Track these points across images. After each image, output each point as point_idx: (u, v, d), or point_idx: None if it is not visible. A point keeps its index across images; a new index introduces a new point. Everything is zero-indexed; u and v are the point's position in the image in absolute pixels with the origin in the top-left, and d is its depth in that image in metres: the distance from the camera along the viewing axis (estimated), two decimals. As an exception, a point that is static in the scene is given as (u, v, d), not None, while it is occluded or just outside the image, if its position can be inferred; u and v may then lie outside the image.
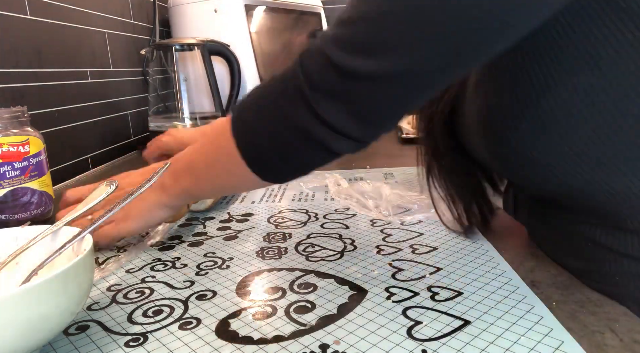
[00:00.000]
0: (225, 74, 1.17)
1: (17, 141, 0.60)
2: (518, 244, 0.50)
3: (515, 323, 0.34)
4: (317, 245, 0.51)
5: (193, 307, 0.39)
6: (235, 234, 0.56)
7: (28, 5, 0.81)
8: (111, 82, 1.11)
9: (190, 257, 0.49)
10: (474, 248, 0.48)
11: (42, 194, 0.63)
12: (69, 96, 0.94)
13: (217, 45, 1.13)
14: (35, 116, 0.80)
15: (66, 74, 0.93)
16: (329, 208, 0.64)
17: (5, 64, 0.76)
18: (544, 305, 0.37)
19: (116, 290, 0.43)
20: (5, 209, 0.61)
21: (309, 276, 0.44)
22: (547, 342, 0.32)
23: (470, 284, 0.41)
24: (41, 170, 0.63)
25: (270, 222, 0.60)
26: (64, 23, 0.93)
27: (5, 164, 0.59)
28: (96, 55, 1.04)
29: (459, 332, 0.34)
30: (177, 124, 1.11)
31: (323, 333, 0.34)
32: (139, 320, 0.37)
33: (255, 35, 1.21)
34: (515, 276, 0.42)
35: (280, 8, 1.29)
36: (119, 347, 0.34)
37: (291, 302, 0.39)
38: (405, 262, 0.46)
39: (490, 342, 0.32)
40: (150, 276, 0.45)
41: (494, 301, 0.38)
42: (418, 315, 0.36)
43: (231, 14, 1.19)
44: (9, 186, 0.60)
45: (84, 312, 0.39)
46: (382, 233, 0.54)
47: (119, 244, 0.54)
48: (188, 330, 0.36)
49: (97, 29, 1.05)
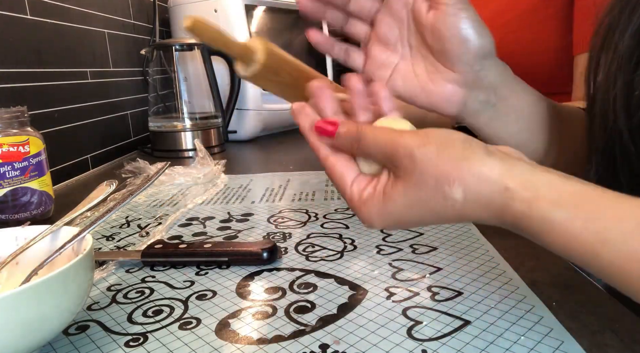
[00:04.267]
0: (225, 74, 1.17)
1: (17, 141, 0.60)
2: (518, 244, 0.50)
3: (515, 323, 0.34)
4: (317, 245, 0.51)
5: (193, 307, 0.39)
6: (235, 234, 0.56)
7: (28, 5, 0.81)
8: (111, 82, 1.11)
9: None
10: (474, 248, 0.48)
11: (42, 194, 0.63)
12: (69, 96, 0.94)
13: (217, 45, 1.13)
14: (35, 116, 0.80)
15: (66, 74, 0.93)
16: (329, 208, 0.64)
17: (5, 64, 0.76)
18: (544, 305, 0.37)
19: (116, 290, 0.43)
20: (5, 209, 0.61)
21: (309, 276, 0.44)
22: (547, 342, 0.32)
23: (470, 284, 0.41)
24: (41, 170, 0.63)
25: (270, 222, 0.60)
26: (64, 23, 0.93)
27: (5, 164, 0.59)
28: (96, 55, 1.04)
29: (459, 332, 0.34)
30: (178, 124, 1.12)
31: (323, 333, 0.34)
32: (139, 320, 0.37)
33: (255, 36, 1.21)
34: (515, 276, 0.42)
35: (280, 8, 1.29)
36: (119, 347, 0.34)
37: (291, 302, 0.39)
38: (405, 262, 0.46)
39: (490, 342, 0.32)
40: (150, 276, 0.45)
41: (494, 301, 0.38)
42: (418, 315, 0.36)
43: (231, 14, 1.19)
44: (9, 186, 0.60)
45: (84, 312, 0.39)
46: (382, 233, 0.54)
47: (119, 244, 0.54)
48: (188, 330, 0.36)
49: (97, 29, 1.05)
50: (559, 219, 0.27)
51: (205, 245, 0.47)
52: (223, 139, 1.16)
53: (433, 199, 0.30)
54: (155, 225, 0.60)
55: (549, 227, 0.27)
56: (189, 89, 1.13)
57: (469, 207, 0.29)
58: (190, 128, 1.10)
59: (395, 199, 0.31)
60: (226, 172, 0.85)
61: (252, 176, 0.86)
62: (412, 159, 0.30)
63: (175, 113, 1.14)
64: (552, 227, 0.27)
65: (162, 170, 0.47)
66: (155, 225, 0.60)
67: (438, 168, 0.29)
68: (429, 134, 0.31)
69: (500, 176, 0.28)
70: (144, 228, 0.59)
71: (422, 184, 0.30)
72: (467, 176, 0.29)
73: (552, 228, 0.27)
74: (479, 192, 0.29)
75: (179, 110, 1.13)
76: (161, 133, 1.11)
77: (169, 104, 1.16)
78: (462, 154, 0.29)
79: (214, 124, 1.13)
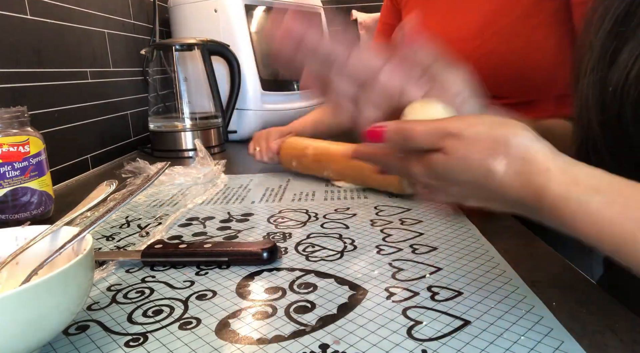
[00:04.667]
0: (225, 74, 1.17)
1: (17, 141, 0.60)
2: (518, 244, 0.50)
3: (515, 323, 0.34)
4: (317, 245, 0.51)
5: (193, 307, 0.39)
6: (235, 234, 0.56)
7: (28, 5, 0.81)
8: (111, 82, 1.11)
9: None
10: (474, 248, 0.48)
11: (42, 194, 0.63)
12: (69, 96, 0.94)
13: (217, 45, 1.13)
14: (35, 116, 0.80)
15: (66, 74, 0.93)
16: (329, 208, 0.64)
17: (5, 64, 0.76)
18: (544, 305, 0.37)
19: (116, 290, 0.43)
20: (5, 209, 0.61)
21: (309, 276, 0.44)
22: (547, 342, 0.32)
23: (470, 284, 0.41)
24: (41, 170, 0.63)
25: (270, 222, 0.60)
26: (64, 23, 0.93)
27: (5, 164, 0.59)
28: (96, 55, 1.04)
29: (459, 332, 0.34)
30: (178, 124, 1.12)
31: (323, 333, 0.34)
32: (139, 320, 0.37)
33: (255, 35, 1.21)
34: (515, 276, 0.42)
35: (280, 8, 1.29)
36: (119, 347, 0.34)
37: (291, 302, 0.39)
38: (405, 262, 0.46)
39: (490, 342, 0.32)
40: (150, 276, 0.45)
41: (494, 302, 0.38)
42: (418, 315, 0.36)
43: (231, 14, 1.19)
44: (9, 186, 0.60)
45: (84, 312, 0.39)
46: (382, 233, 0.54)
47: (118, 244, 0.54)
48: (188, 330, 0.36)
49: (97, 29, 1.05)
50: (596, 204, 0.27)
51: (205, 245, 0.47)
52: (223, 139, 1.16)
53: (477, 170, 0.31)
54: (155, 225, 0.60)
55: (585, 211, 0.27)
56: (189, 89, 1.14)
57: (508, 182, 0.30)
58: (190, 128, 1.10)
59: (438, 167, 0.33)
60: (226, 172, 0.85)
61: (252, 176, 0.86)
62: (460, 139, 0.31)
63: (175, 113, 1.14)
64: (589, 211, 0.27)
65: (162, 170, 0.47)
66: (155, 225, 0.60)
67: (485, 144, 0.30)
68: (475, 119, 0.32)
69: (544, 159, 0.29)
70: (144, 228, 0.59)
71: (469, 155, 0.31)
72: (513, 152, 0.30)
73: (589, 212, 0.27)
74: (521, 168, 0.30)
75: (179, 110, 1.13)
76: (161, 132, 1.11)
77: (169, 104, 1.16)
78: (510, 132, 0.30)
79: (214, 124, 1.13)
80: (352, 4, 1.80)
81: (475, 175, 0.31)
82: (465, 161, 0.31)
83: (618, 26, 0.38)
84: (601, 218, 0.27)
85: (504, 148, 0.30)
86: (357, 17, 1.64)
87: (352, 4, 1.80)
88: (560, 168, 0.29)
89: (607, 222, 0.27)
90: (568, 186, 0.28)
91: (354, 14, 1.70)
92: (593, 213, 0.27)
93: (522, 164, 0.30)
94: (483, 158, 0.30)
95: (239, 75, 1.15)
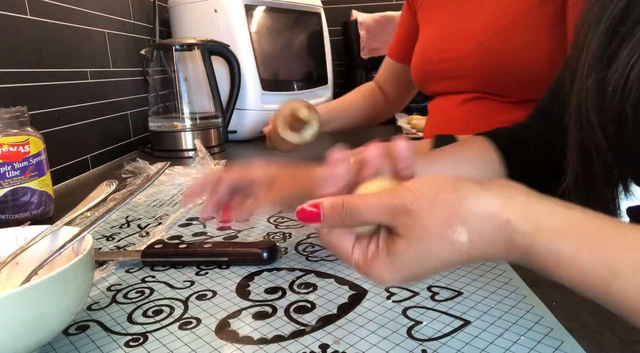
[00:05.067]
0: (225, 74, 1.17)
1: (17, 141, 0.60)
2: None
3: (515, 323, 0.34)
4: (317, 245, 0.51)
5: (193, 307, 0.39)
6: (235, 234, 0.56)
7: (28, 5, 0.81)
8: (111, 82, 1.11)
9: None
10: (474, 248, 0.48)
11: (42, 194, 0.63)
12: (69, 96, 0.94)
13: (217, 45, 1.13)
14: (35, 116, 0.80)
15: (66, 74, 0.93)
16: (329, 208, 0.64)
17: (5, 64, 0.76)
18: (544, 305, 0.37)
19: (116, 290, 0.43)
20: (5, 209, 0.61)
21: (309, 276, 0.44)
22: (547, 342, 0.32)
23: (470, 284, 0.41)
24: (41, 170, 0.63)
25: (270, 222, 0.60)
26: (64, 23, 0.93)
27: (5, 164, 0.59)
28: (96, 55, 1.04)
29: (459, 332, 0.34)
30: (178, 124, 1.12)
31: (323, 333, 0.34)
32: (139, 320, 0.37)
33: (255, 35, 1.21)
34: (515, 276, 0.42)
35: (280, 8, 1.29)
36: (119, 347, 0.34)
37: (291, 302, 0.39)
38: (405, 262, 0.46)
39: (490, 342, 0.32)
40: (150, 276, 0.45)
41: (494, 302, 0.38)
42: (418, 315, 0.36)
43: (231, 14, 1.19)
44: (9, 186, 0.60)
45: (84, 312, 0.39)
46: (382, 233, 0.54)
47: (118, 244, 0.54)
48: (188, 330, 0.36)
49: (97, 29, 1.05)
50: (564, 251, 0.26)
51: (205, 245, 0.47)
52: (223, 139, 1.16)
53: (441, 248, 0.29)
54: (155, 225, 0.60)
55: (555, 259, 0.27)
56: (189, 89, 1.13)
57: (476, 247, 0.28)
58: (190, 128, 1.10)
59: (401, 256, 0.30)
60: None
61: (252, 176, 0.85)
62: (410, 215, 0.29)
63: (175, 113, 1.14)
64: (559, 259, 0.26)
65: (162, 170, 0.47)
66: (155, 225, 0.60)
67: (437, 216, 0.28)
68: (418, 187, 0.29)
69: (500, 210, 0.28)
70: (144, 228, 0.59)
71: (426, 236, 0.29)
72: (468, 217, 0.28)
73: (559, 260, 0.26)
74: (482, 230, 0.28)
75: (179, 110, 1.13)
76: (161, 133, 1.11)
77: (169, 104, 1.16)
78: (456, 197, 0.29)
79: (214, 124, 1.13)
80: (352, 4, 1.80)
81: (440, 254, 0.29)
82: (425, 242, 0.29)
83: (615, 26, 0.37)
84: (572, 265, 0.26)
85: (455, 215, 0.28)
86: (357, 17, 1.64)
87: (352, 4, 1.80)
88: (520, 215, 0.28)
89: (578, 269, 0.26)
90: (533, 236, 0.27)
91: (354, 14, 1.70)
92: (562, 261, 0.26)
93: (480, 224, 0.28)
94: (441, 234, 0.28)
95: (239, 75, 1.15)
